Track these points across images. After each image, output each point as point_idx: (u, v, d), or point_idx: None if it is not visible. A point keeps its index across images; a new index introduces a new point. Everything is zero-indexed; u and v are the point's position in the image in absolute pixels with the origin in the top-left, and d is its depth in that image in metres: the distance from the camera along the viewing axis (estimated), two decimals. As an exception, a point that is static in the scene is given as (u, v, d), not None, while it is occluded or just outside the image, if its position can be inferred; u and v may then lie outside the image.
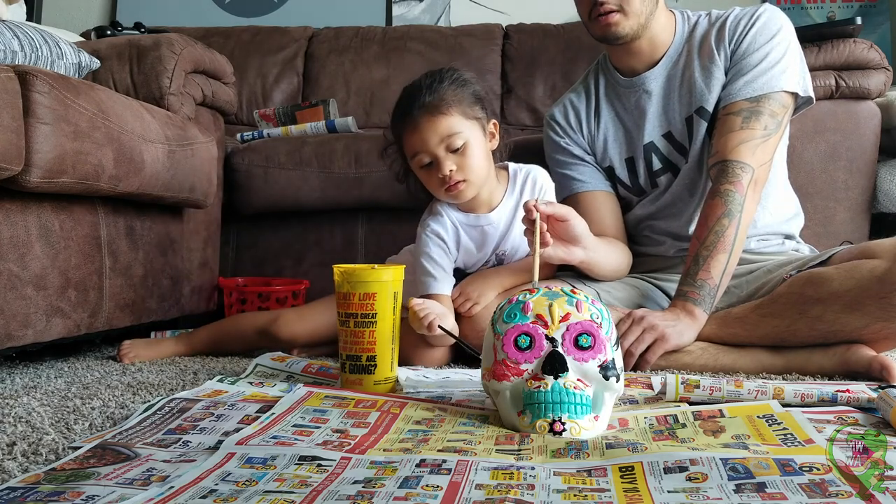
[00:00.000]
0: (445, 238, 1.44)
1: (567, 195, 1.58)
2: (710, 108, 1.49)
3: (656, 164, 1.56)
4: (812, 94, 1.49)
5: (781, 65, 1.44)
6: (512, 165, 1.49)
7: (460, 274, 1.49)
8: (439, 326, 1.18)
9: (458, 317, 1.40)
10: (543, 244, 1.24)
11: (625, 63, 1.55)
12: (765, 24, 1.47)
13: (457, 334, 1.26)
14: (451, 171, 1.34)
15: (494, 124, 1.43)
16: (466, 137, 1.34)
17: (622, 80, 1.56)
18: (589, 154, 1.61)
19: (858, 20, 1.86)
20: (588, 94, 1.63)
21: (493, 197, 1.45)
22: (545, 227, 1.24)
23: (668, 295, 1.51)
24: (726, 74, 1.48)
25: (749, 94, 1.43)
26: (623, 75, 1.57)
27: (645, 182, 1.58)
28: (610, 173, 1.61)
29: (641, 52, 1.52)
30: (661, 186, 1.57)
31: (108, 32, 2.20)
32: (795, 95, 1.46)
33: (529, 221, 1.23)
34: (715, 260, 1.35)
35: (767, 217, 1.52)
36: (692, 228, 1.53)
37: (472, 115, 1.36)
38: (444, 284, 1.41)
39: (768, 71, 1.43)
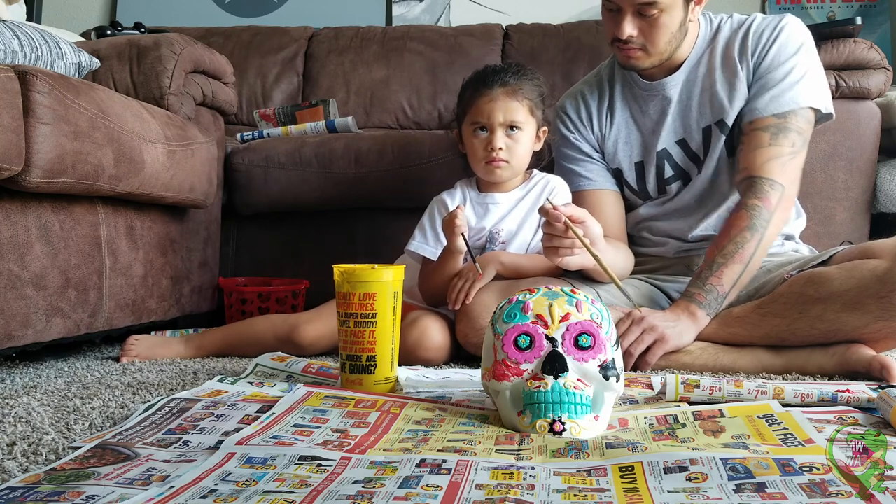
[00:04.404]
0: (448, 204, 1.55)
1: (572, 191, 1.57)
2: (729, 122, 1.47)
3: (668, 172, 1.54)
4: (832, 111, 1.47)
5: (806, 80, 1.43)
6: (537, 171, 1.60)
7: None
8: (462, 235, 1.37)
9: (457, 313, 1.43)
10: (570, 250, 1.26)
11: None
12: (788, 37, 1.45)
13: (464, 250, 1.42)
14: (501, 147, 1.47)
15: (543, 131, 1.56)
16: (524, 127, 1.50)
17: (641, 82, 1.54)
18: (598, 152, 1.60)
19: (858, 20, 1.86)
20: (602, 89, 1.60)
21: (510, 184, 1.56)
22: (570, 230, 1.23)
23: (667, 295, 1.51)
24: (749, 89, 1.46)
25: (776, 109, 1.41)
26: (641, 77, 1.54)
27: (653, 188, 1.57)
28: (617, 175, 1.59)
29: (661, 64, 1.49)
30: (670, 194, 1.56)
31: (108, 32, 2.20)
32: (817, 111, 1.45)
33: (550, 225, 1.23)
34: (729, 269, 1.35)
35: None
36: (693, 233, 1.52)
37: (535, 113, 1.52)
38: (426, 247, 1.51)
39: (794, 86, 1.42)
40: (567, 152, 1.61)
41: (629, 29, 1.40)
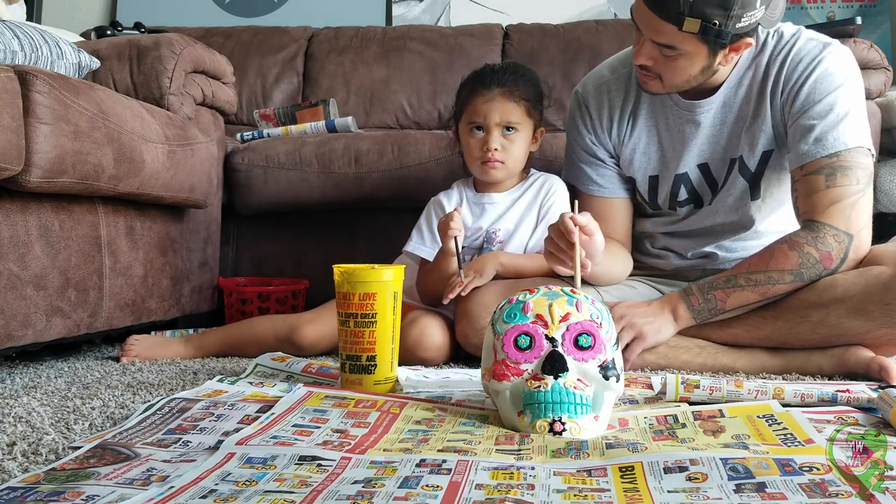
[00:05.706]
0: (445, 205, 1.56)
1: (582, 192, 1.52)
2: (750, 164, 1.38)
3: (682, 195, 1.46)
4: (874, 152, 1.33)
5: (849, 120, 1.29)
6: (535, 171, 1.60)
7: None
8: (454, 238, 1.37)
9: (457, 313, 1.43)
10: (570, 264, 1.18)
11: None
12: (826, 70, 1.30)
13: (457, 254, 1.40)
14: (496, 147, 1.47)
15: (541, 132, 1.56)
16: (520, 128, 1.49)
17: (677, 98, 1.41)
18: (613, 157, 1.50)
19: (858, 20, 1.87)
20: (629, 87, 1.47)
21: (506, 184, 1.57)
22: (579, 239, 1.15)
23: (664, 296, 1.50)
24: (784, 130, 1.35)
25: (824, 151, 1.28)
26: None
27: (664, 204, 1.50)
28: (630, 182, 1.51)
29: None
30: (680, 215, 1.49)
31: (108, 32, 2.20)
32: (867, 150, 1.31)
33: (558, 233, 1.15)
34: (743, 294, 1.29)
35: (777, 225, 1.46)
36: (694, 251, 1.49)
37: (532, 114, 1.51)
38: (423, 248, 1.52)
39: (837, 126, 1.28)
40: (581, 152, 1.51)
41: (643, 58, 1.29)
